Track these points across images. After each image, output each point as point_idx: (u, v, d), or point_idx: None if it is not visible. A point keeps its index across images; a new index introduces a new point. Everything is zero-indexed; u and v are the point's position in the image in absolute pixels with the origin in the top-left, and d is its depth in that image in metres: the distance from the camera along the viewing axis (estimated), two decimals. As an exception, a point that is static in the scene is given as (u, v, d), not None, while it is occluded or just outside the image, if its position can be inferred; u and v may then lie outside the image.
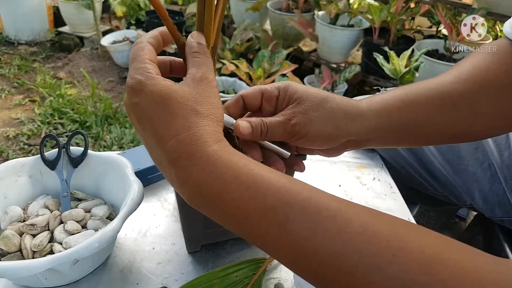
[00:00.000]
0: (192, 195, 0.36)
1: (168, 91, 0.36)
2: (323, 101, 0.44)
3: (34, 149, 1.95)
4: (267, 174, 0.35)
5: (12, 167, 0.62)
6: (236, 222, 0.35)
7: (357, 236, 0.30)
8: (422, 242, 0.30)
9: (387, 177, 0.80)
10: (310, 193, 0.33)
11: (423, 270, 0.28)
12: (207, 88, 0.38)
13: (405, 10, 2.20)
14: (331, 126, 0.44)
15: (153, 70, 0.38)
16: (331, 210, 0.32)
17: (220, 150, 0.35)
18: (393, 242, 0.30)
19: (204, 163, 0.34)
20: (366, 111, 0.46)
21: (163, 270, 0.59)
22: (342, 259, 0.30)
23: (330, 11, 2.30)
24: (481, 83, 0.46)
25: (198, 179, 0.34)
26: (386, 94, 0.48)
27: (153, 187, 0.74)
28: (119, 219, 0.52)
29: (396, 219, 0.33)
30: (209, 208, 0.36)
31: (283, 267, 0.60)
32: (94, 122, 2.07)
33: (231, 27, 2.86)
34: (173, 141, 0.35)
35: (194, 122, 0.36)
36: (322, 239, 0.31)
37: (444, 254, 0.29)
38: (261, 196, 0.33)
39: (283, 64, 2.08)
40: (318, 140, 0.45)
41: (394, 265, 0.29)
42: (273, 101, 0.46)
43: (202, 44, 0.40)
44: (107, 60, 2.84)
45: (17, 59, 2.77)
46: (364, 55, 2.34)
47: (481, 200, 0.74)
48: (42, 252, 0.55)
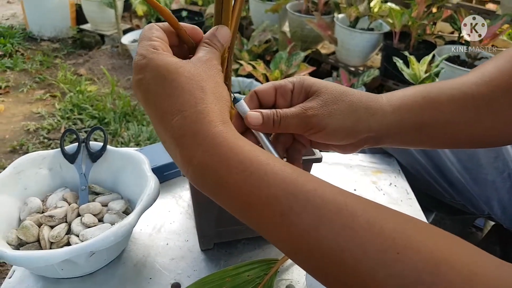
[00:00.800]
0: (195, 175, 0.35)
1: (175, 66, 0.36)
2: (342, 94, 0.43)
3: (53, 143, 1.99)
4: (273, 162, 0.34)
5: (33, 159, 0.63)
6: (238, 207, 0.34)
7: (363, 231, 0.30)
8: (430, 241, 0.29)
9: (404, 183, 0.79)
10: (315, 185, 0.33)
11: (429, 270, 0.28)
12: (212, 68, 0.38)
13: (426, 15, 2.17)
14: (352, 120, 0.43)
15: (161, 46, 0.38)
16: (337, 203, 0.31)
17: (226, 132, 0.35)
18: (399, 240, 0.29)
19: (208, 144, 0.34)
20: (387, 106, 0.44)
21: (176, 266, 0.60)
22: (346, 253, 0.30)
23: (350, 14, 2.29)
24: (505, 87, 0.45)
25: (201, 160, 0.34)
26: (407, 90, 0.47)
27: (169, 184, 0.75)
28: (135, 213, 0.53)
29: (405, 216, 0.32)
30: (212, 191, 0.35)
31: (295, 268, 0.60)
32: (112, 119, 2.10)
33: (249, 28, 2.87)
34: (178, 116, 0.34)
35: (201, 98, 0.35)
36: (325, 232, 0.30)
37: (452, 256, 0.28)
38: (265, 184, 0.32)
39: (300, 66, 2.08)
40: (338, 135, 0.43)
41: (399, 263, 0.28)
42: (287, 96, 0.45)
43: (219, 41, 0.40)
44: (127, 58, 2.88)
45: (40, 55, 2.83)
46: (384, 59, 2.32)
47: (499, 210, 0.73)
48: (59, 243, 0.56)
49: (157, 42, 0.38)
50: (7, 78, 2.53)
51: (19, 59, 2.71)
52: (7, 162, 1.83)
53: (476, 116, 0.45)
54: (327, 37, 2.34)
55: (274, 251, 0.63)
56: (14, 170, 0.61)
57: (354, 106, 0.43)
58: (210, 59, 0.39)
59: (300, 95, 0.44)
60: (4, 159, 1.86)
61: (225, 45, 0.41)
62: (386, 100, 0.45)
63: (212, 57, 0.39)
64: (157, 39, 0.38)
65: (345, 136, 0.44)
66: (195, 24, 0.43)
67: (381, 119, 0.44)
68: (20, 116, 2.19)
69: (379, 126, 0.44)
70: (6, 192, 0.59)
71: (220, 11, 0.41)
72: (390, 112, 0.44)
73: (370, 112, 0.43)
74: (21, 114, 2.20)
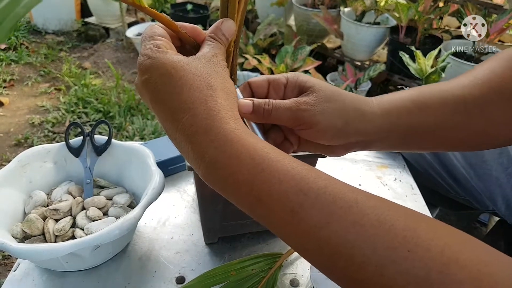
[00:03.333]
0: (208, 172, 0.35)
1: (181, 63, 0.36)
2: (336, 94, 0.43)
3: (58, 136, 1.99)
4: (284, 159, 0.34)
5: (38, 153, 0.64)
6: (248, 203, 0.34)
7: (373, 228, 0.30)
8: (441, 240, 0.29)
9: (409, 178, 0.79)
10: (326, 182, 0.33)
11: (439, 269, 0.28)
12: (218, 64, 0.38)
13: (433, 9, 2.15)
14: (342, 120, 0.43)
15: (164, 45, 0.37)
16: (347, 200, 0.32)
17: (237, 129, 0.35)
18: (410, 238, 0.29)
19: (221, 140, 0.34)
20: (376, 109, 0.44)
21: (181, 260, 0.60)
22: (355, 250, 0.30)
23: (356, 8, 2.27)
24: (498, 89, 0.44)
25: (214, 156, 0.34)
26: (397, 94, 0.46)
27: (173, 178, 0.75)
28: (140, 207, 0.53)
29: (417, 215, 0.32)
30: (223, 187, 0.35)
31: (299, 263, 0.60)
32: (117, 113, 2.10)
33: (255, 22, 2.85)
34: (189, 114, 0.35)
35: (210, 95, 0.35)
36: (335, 228, 0.31)
37: (462, 255, 0.28)
38: (276, 181, 0.33)
39: (306, 60, 2.07)
40: (327, 134, 0.43)
41: (409, 261, 0.28)
42: (280, 90, 0.45)
43: (223, 35, 0.40)
44: (132, 51, 2.87)
45: (44, 48, 2.83)
46: (390, 53, 2.31)
47: (503, 206, 0.72)
48: (64, 236, 0.56)
49: (160, 40, 0.38)
50: (12, 71, 2.53)
51: (23, 52, 2.71)
52: (12, 155, 1.84)
53: (467, 119, 0.44)
54: (333, 31, 2.33)
55: (278, 245, 0.63)
56: (19, 164, 0.61)
57: (346, 106, 0.43)
58: (216, 54, 0.39)
59: (294, 91, 0.44)
60: (9, 152, 1.87)
61: (230, 38, 0.41)
62: (376, 103, 0.45)
63: (217, 52, 0.39)
64: (160, 37, 0.38)
65: (334, 135, 0.43)
66: (200, 17, 0.43)
67: (370, 121, 0.44)
68: (25, 109, 2.20)
69: (369, 129, 0.44)
70: (11, 185, 0.59)
71: (226, 4, 0.41)
72: (379, 115, 0.44)
73: (360, 114, 0.43)
74: (25, 108, 2.21)
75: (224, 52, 0.40)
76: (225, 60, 0.40)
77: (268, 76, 0.45)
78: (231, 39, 0.41)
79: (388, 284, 0.29)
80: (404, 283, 0.28)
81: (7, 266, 1.37)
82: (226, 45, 0.41)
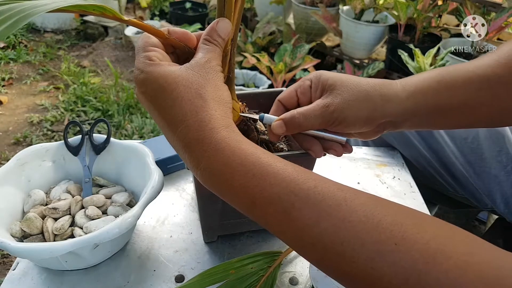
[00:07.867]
0: (204, 178, 0.37)
1: (173, 76, 0.37)
2: (357, 85, 0.45)
3: (57, 135, 1.99)
4: (274, 163, 0.36)
5: (37, 151, 0.63)
6: (244, 207, 0.36)
7: (361, 224, 0.32)
8: (428, 233, 0.31)
9: (407, 176, 0.79)
10: (315, 182, 0.35)
11: (425, 260, 0.29)
12: (211, 71, 0.39)
13: (432, 7, 2.15)
14: (368, 109, 0.44)
15: (157, 56, 0.39)
16: (336, 199, 0.33)
17: (228, 138, 0.36)
18: (396, 232, 0.31)
19: (212, 149, 0.36)
20: (401, 92, 0.46)
21: (180, 258, 0.60)
22: (345, 245, 0.31)
23: (355, 6, 2.27)
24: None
25: (207, 165, 0.36)
26: (421, 75, 0.48)
27: (172, 177, 0.75)
28: (139, 206, 0.53)
29: (405, 209, 0.34)
30: (219, 191, 0.37)
31: (299, 261, 0.60)
32: (116, 111, 2.10)
33: (253, 20, 2.85)
34: (182, 126, 0.37)
35: (201, 106, 0.37)
36: (326, 226, 0.32)
37: (448, 246, 0.30)
38: (267, 184, 0.35)
39: (305, 58, 2.07)
40: (357, 124, 0.45)
41: (395, 253, 0.30)
42: (307, 92, 0.47)
43: (219, 35, 0.41)
44: (131, 50, 2.87)
45: (43, 46, 2.83)
46: (389, 52, 2.31)
47: (502, 204, 0.72)
48: (63, 235, 0.56)
49: (152, 52, 0.39)
50: (11, 69, 2.53)
51: (22, 51, 2.71)
52: (10, 154, 1.84)
53: (491, 97, 0.46)
54: (332, 30, 2.33)
55: (277, 243, 0.63)
56: (18, 162, 0.61)
57: (369, 95, 0.45)
58: (209, 60, 0.39)
59: (318, 90, 0.46)
60: (8, 151, 1.87)
61: (226, 38, 0.41)
62: (400, 86, 0.46)
63: (211, 57, 0.40)
64: (152, 48, 0.39)
65: (364, 124, 0.45)
66: (199, 15, 0.44)
67: (396, 105, 0.45)
68: (23, 108, 2.20)
69: (395, 112, 0.45)
70: (9, 184, 0.59)
71: (223, 3, 0.40)
72: (405, 97, 0.45)
73: (385, 99, 0.45)
74: (24, 106, 2.21)
75: (220, 55, 0.41)
76: (220, 64, 0.41)
77: (294, 85, 0.48)
78: (227, 39, 0.41)
79: (378, 276, 0.30)
80: (392, 274, 0.29)
81: (6, 265, 1.37)
82: (222, 46, 0.41)
